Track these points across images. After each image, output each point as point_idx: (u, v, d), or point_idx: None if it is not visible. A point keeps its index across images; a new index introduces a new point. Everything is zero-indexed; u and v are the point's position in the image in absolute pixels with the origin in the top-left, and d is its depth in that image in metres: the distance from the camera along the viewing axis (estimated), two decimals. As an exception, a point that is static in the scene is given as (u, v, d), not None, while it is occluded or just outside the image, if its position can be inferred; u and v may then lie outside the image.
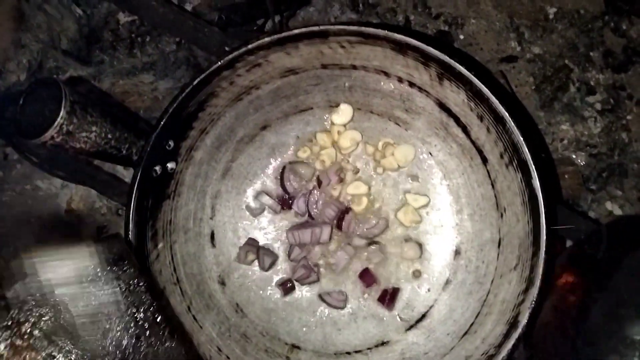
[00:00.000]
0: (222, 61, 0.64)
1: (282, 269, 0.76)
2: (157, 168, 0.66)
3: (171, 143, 0.67)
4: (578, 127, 0.95)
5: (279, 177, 0.76)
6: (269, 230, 0.78)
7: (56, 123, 0.52)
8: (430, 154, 0.75)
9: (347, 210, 0.75)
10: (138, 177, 0.62)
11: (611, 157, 0.93)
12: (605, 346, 0.59)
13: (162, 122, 0.62)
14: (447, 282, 0.73)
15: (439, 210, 0.75)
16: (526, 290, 0.63)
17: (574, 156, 0.94)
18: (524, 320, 0.61)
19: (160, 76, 0.96)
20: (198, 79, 0.63)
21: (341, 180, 0.74)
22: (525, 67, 0.95)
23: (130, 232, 0.62)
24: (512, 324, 0.62)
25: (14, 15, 0.94)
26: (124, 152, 0.61)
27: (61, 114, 0.52)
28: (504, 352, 0.61)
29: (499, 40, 0.96)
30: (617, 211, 0.92)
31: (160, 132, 0.63)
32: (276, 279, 0.76)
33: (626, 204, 0.93)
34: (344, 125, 0.76)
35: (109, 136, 0.59)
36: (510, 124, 0.63)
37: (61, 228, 0.99)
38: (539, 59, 0.98)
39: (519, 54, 0.97)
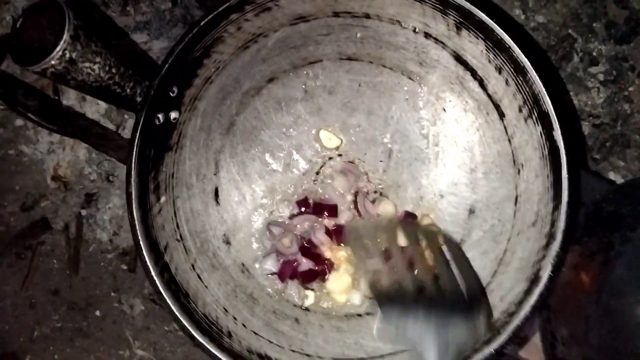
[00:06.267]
0: (231, 1, 0.60)
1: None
2: (160, 116, 0.62)
3: (175, 89, 0.63)
4: (582, 97, 0.94)
5: (285, 133, 0.73)
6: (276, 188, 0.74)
7: (59, 47, 0.47)
8: (444, 110, 0.72)
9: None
10: (141, 122, 0.58)
11: (614, 127, 0.93)
12: (632, 297, 0.57)
13: (168, 63, 0.58)
14: (461, 241, 0.71)
15: (452, 170, 0.72)
16: (547, 246, 0.60)
17: (577, 126, 0.93)
18: (545, 275, 0.59)
19: (154, 35, 0.91)
20: (206, 19, 0.60)
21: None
22: (530, 36, 0.93)
23: (132, 180, 0.58)
24: (533, 281, 0.60)
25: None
26: (128, 90, 0.57)
27: (64, 37, 0.48)
28: (526, 308, 0.59)
29: (503, 8, 0.95)
30: (620, 181, 0.91)
31: (165, 75, 0.59)
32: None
33: (628, 175, 0.92)
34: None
35: (113, 70, 0.55)
36: (532, 73, 0.61)
37: (48, 195, 0.94)
38: (543, 28, 0.96)
39: (523, 22, 0.95)
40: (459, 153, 0.72)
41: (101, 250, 0.94)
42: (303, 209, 0.72)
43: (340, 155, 0.75)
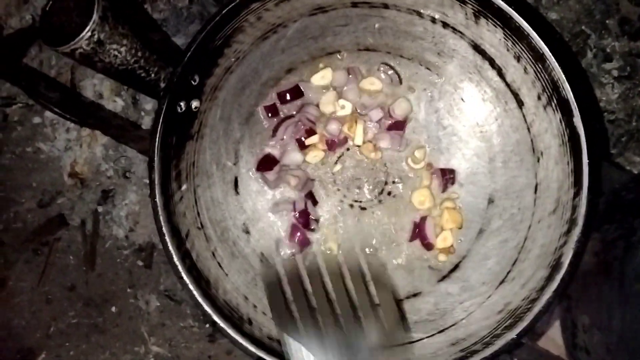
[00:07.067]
0: (252, -10, 0.61)
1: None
2: (182, 104, 0.63)
3: (196, 78, 0.63)
4: (596, 93, 0.94)
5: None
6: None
7: (88, 27, 0.48)
8: (462, 99, 0.72)
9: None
10: (164, 109, 0.59)
11: (629, 123, 0.93)
12: (657, 280, 0.57)
13: (191, 50, 0.59)
14: (481, 231, 0.70)
15: (470, 159, 0.72)
16: (568, 232, 0.60)
17: (593, 121, 0.93)
18: (567, 261, 0.59)
19: (172, 33, 0.92)
20: (227, 8, 0.60)
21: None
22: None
23: (155, 166, 0.58)
24: (555, 267, 0.60)
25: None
26: (153, 75, 0.57)
27: (94, 17, 0.49)
28: (548, 294, 0.59)
29: None
30: (636, 177, 0.91)
31: (188, 62, 0.60)
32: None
33: (644, 170, 0.92)
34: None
35: (139, 54, 0.55)
36: (551, 60, 0.61)
37: (64, 192, 0.95)
38: (557, 24, 0.97)
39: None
40: (477, 142, 0.72)
41: (117, 246, 0.94)
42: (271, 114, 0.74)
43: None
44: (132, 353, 0.92)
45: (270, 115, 0.74)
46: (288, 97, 0.73)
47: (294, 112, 0.74)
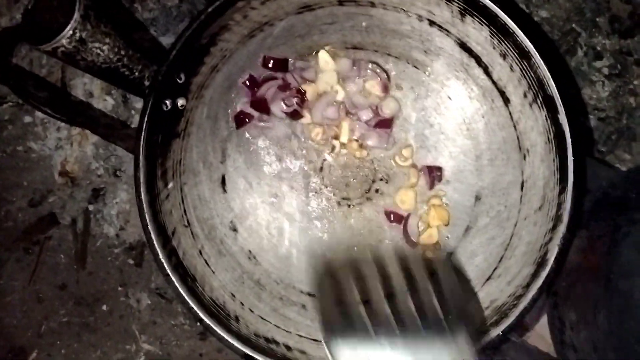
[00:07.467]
0: (237, -12, 0.61)
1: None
2: (168, 102, 0.63)
3: (182, 76, 0.63)
4: (586, 91, 0.94)
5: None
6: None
7: (69, 26, 0.48)
8: (449, 97, 0.73)
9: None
10: (149, 107, 0.59)
11: (619, 120, 0.93)
12: (640, 277, 0.57)
13: (176, 49, 0.59)
14: (467, 228, 0.71)
15: (457, 157, 0.73)
16: (554, 229, 0.61)
17: (582, 119, 0.93)
18: (552, 257, 0.59)
19: (161, 32, 0.92)
20: (213, 6, 0.60)
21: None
22: (533, 31, 0.94)
23: (140, 165, 0.58)
24: (540, 264, 0.60)
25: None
26: (137, 74, 0.58)
27: (75, 16, 0.49)
28: (534, 290, 0.59)
29: None
30: (626, 173, 0.91)
31: (173, 61, 0.60)
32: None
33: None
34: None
35: (122, 52, 0.55)
36: (536, 58, 0.62)
37: (55, 191, 0.95)
38: (547, 22, 0.97)
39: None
40: (464, 140, 0.72)
41: (108, 245, 0.94)
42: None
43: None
44: (124, 351, 0.92)
45: (251, 88, 0.73)
46: (271, 64, 0.71)
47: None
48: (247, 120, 0.72)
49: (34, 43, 0.50)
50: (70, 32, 0.49)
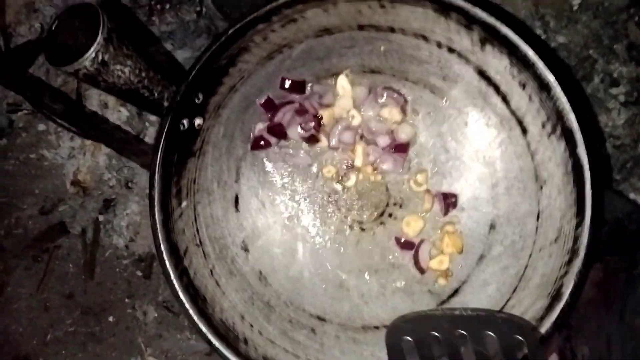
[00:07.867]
0: (259, 11, 0.61)
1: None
2: (185, 121, 0.63)
3: (200, 96, 0.63)
4: (602, 118, 0.94)
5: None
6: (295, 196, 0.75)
7: (92, 49, 0.48)
8: (466, 124, 0.72)
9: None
10: (167, 127, 0.59)
11: (634, 148, 0.92)
12: (657, 316, 0.56)
13: (195, 70, 0.59)
14: (481, 257, 0.70)
15: (473, 184, 0.72)
16: (570, 262, 0.60)
17: (598, 145, 0.93)
18: (567, 291, 0.58)
19: (178, 45, 0.92)
20: (234, 28, 0.61)
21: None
22: (551, 56, 0.93)
23: (155, 184, 0.58)
24: (555, 297, 0.59)
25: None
26: (156, 95, 0.58)
27: (98, 39, 0.49)
28: (547, 324, 0.58)
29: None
30: (641, 203, 0.90)
31: (192, 81, 0.60)
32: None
33: (649, 197, 0.91)
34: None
35: (143, 74, 0.55)
36: (557, 90, 0.61)
37: (66, 200, 0.95)
38: (564, 48, 0.96)
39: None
40: (480, 168, 0.72)
41: (117, 256, 0.94)
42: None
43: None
44: (129, 363, 0.92)
45: (268, 110, 0.73)
46: (288, 85, 0.71)
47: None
48: (265, 146, 0.72)
49: (55, 63, 0.50)
50: (93, 54, 0.49)
